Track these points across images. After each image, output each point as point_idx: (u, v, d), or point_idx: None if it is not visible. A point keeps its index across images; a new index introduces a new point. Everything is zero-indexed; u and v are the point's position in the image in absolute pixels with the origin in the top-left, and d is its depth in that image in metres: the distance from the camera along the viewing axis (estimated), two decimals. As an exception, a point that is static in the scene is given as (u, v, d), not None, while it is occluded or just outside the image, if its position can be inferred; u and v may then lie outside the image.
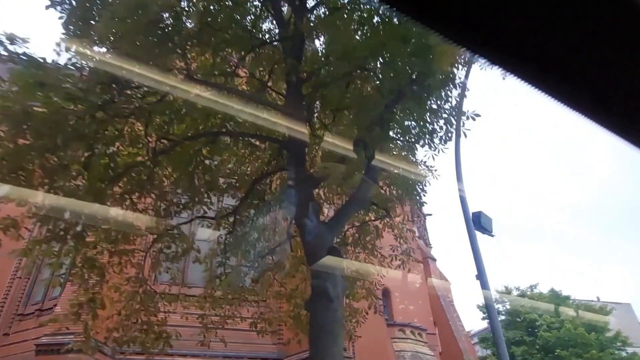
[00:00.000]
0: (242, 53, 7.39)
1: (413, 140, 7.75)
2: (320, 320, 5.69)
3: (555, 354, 17.97)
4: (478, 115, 8.76)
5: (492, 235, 9.11)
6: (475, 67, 7.96)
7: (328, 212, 9.42)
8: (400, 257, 10.22)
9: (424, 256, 29.84)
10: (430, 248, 36.00)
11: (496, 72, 1.02)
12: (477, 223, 8.71)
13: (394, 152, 9.00)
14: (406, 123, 7.57)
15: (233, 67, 7.78)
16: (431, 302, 27.84)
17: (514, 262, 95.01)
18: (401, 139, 7.64)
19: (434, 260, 30.22)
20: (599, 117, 0.99)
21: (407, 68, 6.59)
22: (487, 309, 7.52)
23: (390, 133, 7.68)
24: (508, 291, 22.85)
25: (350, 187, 7.98)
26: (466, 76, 10.09)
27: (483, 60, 0.97)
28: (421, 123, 7.27)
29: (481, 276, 7.96)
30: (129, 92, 7.10)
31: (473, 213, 8.95)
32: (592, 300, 21.40)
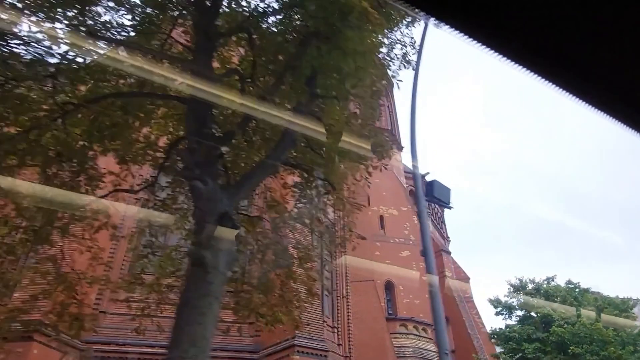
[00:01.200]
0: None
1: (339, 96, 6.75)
2: (188, 292, 4.85)
3: (569, 351, 16.30)
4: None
5: (450, 207, 7.99)
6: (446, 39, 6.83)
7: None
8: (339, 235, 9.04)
9: (436, 249, 28.31)
10: (448, 241, 34.38)
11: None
12: (430, 193, 7.61)
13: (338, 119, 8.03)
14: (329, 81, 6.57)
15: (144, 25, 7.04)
16: (444, 297, 26.37)
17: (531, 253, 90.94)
18: (328, 94, 6.65)
19: (449, 253, 28.66)
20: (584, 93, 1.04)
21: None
22: (430, 293, 6.45)
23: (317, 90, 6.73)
24: (523, 284, 21.11)
25: (261, 150, 7.07)
26: (421, 42, 9.03)
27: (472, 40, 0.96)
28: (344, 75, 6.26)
29: (427, 253, 6.87)
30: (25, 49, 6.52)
31: (427, 182, 7.85)
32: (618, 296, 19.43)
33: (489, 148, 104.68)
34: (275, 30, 6.48)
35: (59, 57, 6.71)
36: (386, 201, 24.61)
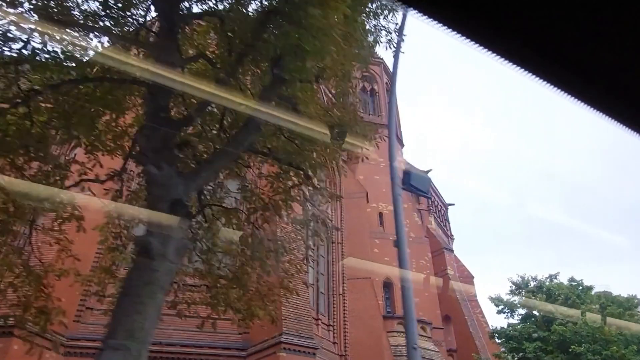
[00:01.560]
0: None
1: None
2: (130, 280, 4.60)
3: (570, 350, 15.80)
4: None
5: (428, 197, 7.66)
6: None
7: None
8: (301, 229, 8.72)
9: (438, 247, 27.89)
10: (452, 239, 33.88)
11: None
12: (407, 182, 7.28)
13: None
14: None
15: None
16: (446, 296, 25.95)
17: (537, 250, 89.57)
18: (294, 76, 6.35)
19: (451, 251, 28.18)
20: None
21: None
22: (402, 289, 6.15)
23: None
24: (525, 282, 20.59)
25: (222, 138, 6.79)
26: (400, 30, 8.72)
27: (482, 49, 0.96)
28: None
29: (400, 245, 6.56)
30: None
31: (404, 171, 7.54)
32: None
33: (493, 146, 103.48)
34: (241, 10, 6.21)
35: (22, 43, 6.54)
36: (385, 198, 24.20)
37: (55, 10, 6.75)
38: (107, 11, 6.89)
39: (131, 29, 7.10)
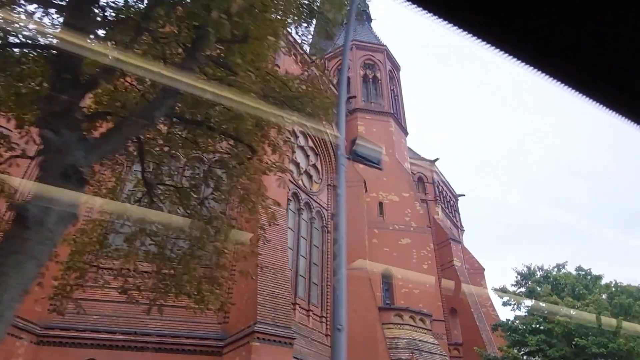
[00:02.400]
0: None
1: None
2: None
3: (574, 343, 14.80)
4: None
5: (380, 168, 7.00)
6: None
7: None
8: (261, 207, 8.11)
9: (444, 238, 26.94)
10: (462, 231, 32.82)
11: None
12: (354, 152, 6.65)
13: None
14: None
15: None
16: (453, 288, 25.02)
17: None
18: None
19: (458, 242, 27.19)
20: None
21: None
22: (335, 266, 5.55)
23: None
24: (531, 272, 19.56)
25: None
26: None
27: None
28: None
29: (339, 224, 5.95)
30: None
31: (351, 140, 6.91)
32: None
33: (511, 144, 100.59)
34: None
35: None
36: (386, 187, 23.50)
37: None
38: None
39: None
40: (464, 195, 34.55)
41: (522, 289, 19.21)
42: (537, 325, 16.98)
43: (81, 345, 12.06)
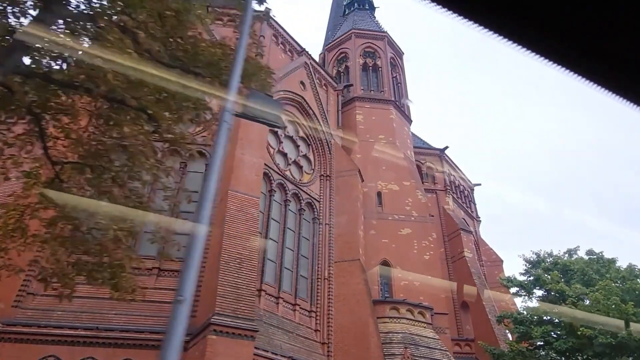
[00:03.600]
0: None
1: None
2: None
3: (579, 333, 13.29)
4: None
5: (278, 126, 6.18)
6: None
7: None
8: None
9: (455, 228, 25.54)
10: (478, 221, 31.18)
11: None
12: (245, 111, 5.85)
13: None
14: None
15: None
16: (463, 280, 23.62)
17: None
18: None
19: (469, 232, 25.69)
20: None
21: None
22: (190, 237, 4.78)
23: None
24: (541, 259, 18.00)
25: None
26: None
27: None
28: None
29: (206, 187, 5.17)
30: None
31: (246, 95, 6.13)
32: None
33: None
34: None
35: None
36: (385, 176, 22.43)
37: None
38: None
39: None
40: (480, 184, 32.87)
41: (531, 278, 17.70)
42: (543, 316, 15.53)
43: (42, 342, 11.78)
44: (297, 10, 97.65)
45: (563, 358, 14.63)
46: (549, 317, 15.32)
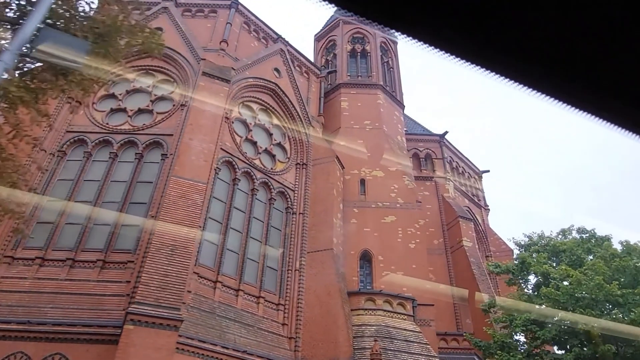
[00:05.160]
0: None
1: None
2: None
3: (556, 319, 11.63)
4: None
5: (77, 65, 5.38)
6: None
7: None
8: None
9: (454, 216, 23.93)
10: (486, 210, 29.30)
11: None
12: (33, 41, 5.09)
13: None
14: None
15: None
16: (462, 271, 22.01)
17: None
18: None
19: (469, 220, 24.01)
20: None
21: None
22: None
23: None
24: (533, 242, 16.29)
25: None
26: None
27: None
28: None
29: None
30: None
31: (38, 27, 5.36)
32: None
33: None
34: None
35: None
36: (370, 162, 21.21)
37: None
38: None
39: None
40: (488, 171, 30.86)
41: (517, 262, 16.06)
42: (528, 302, 13.89)
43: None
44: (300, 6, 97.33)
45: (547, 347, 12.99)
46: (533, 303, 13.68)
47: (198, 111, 15.45)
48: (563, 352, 13.01)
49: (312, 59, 27.80)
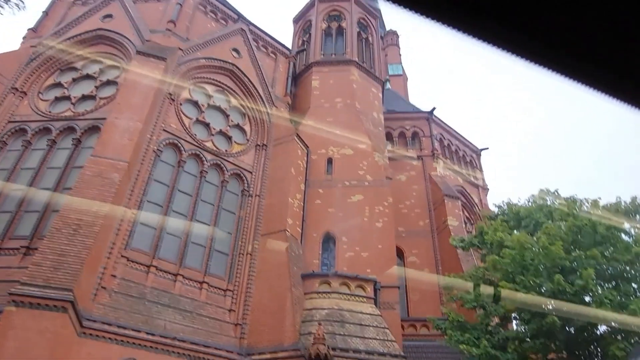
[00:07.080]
0: None
1: None
2: None
3: (516, 281, 9.98)
4: None
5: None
6: None
7: None
8: None
9: (440, 194, 22.33)
10: (485, 190, 27.38)
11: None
12: None
13: None
14: None
15: None
16: (448, 252, 20.39)
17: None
18: None
19: (455, 198, 22.33)
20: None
21: None
22: None
23: None
24: (511, 208, 14.57)
25: None
26: None
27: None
28: None
29: None
30: None
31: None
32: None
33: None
34: None
35: None
36: (339, 141, 20.00)
37: None
38: None
39: None
40: (487, 148, 28.85)
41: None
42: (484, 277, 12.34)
43: None
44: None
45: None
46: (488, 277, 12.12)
47: (128, 90, 14.84)
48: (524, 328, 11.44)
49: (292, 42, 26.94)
